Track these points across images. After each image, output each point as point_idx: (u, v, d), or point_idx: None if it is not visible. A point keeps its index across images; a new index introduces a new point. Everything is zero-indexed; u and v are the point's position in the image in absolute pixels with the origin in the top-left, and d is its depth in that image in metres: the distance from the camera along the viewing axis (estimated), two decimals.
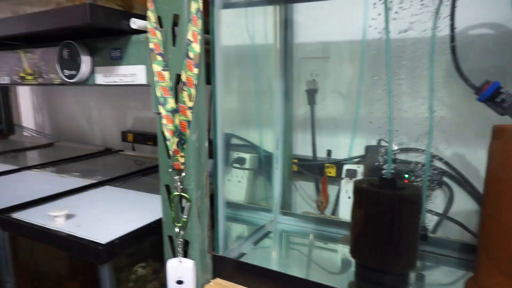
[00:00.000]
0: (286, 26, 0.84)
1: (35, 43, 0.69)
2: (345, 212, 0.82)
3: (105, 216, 0.70)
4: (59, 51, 0.62)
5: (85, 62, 0.60)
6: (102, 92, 1.51)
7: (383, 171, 0.58)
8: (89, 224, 0.65)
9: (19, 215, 0.70)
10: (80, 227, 0.64)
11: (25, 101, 1.76)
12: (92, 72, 0.61)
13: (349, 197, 0.82)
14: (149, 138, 1.35)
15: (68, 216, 0.67)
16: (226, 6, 0.59)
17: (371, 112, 0.85)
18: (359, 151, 0.87)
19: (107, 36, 0.59)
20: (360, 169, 0.82)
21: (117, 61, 0.58)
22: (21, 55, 0.70)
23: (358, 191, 0.56)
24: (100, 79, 0.61)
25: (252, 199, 0.93)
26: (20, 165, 1.09)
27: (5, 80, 0.73)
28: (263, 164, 0.91)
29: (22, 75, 0.70)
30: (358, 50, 0.83)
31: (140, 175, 1.00)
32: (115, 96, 1.46)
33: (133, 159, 1.22)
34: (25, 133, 1.75)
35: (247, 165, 0.91)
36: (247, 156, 0.91)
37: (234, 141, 0.91)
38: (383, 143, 0.76)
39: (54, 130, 1.70)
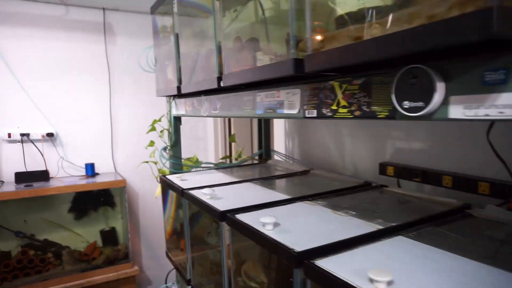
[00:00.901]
0: None
1: (351, 72, 0.61)
2: None
3: None
4: (398, 79, 0.50)
5: (440, 91, 0.46)
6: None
7: None
8: None
9: (322, 263, 0.63)
10: None
11: (278, 127, 1.90)
12: (443, 103, 0.47)
13: None
14: (416, 173, 1.15)
15: (388, 283, 0.55)
16: None
17: None
18: None
19: (470, 56, 0.43)
20: None
21: (495, 86, 0.41)
22: (335, 86, 0.63)
23: None
24: (457, 112, 0.45)
25: None
26: (291, 195, 1.09)
27: (313, 113, 0.69)
28: None
29: (334, 108, 0.64)
30: None
31: (430, 225, 0.81)
32: (374, 124, 1.35)
33: (399, 198, 1.05)
34: (276, 157, 1.87)
35: None
36: None
37: None
38: None
39: (303, 157, 1.75)
